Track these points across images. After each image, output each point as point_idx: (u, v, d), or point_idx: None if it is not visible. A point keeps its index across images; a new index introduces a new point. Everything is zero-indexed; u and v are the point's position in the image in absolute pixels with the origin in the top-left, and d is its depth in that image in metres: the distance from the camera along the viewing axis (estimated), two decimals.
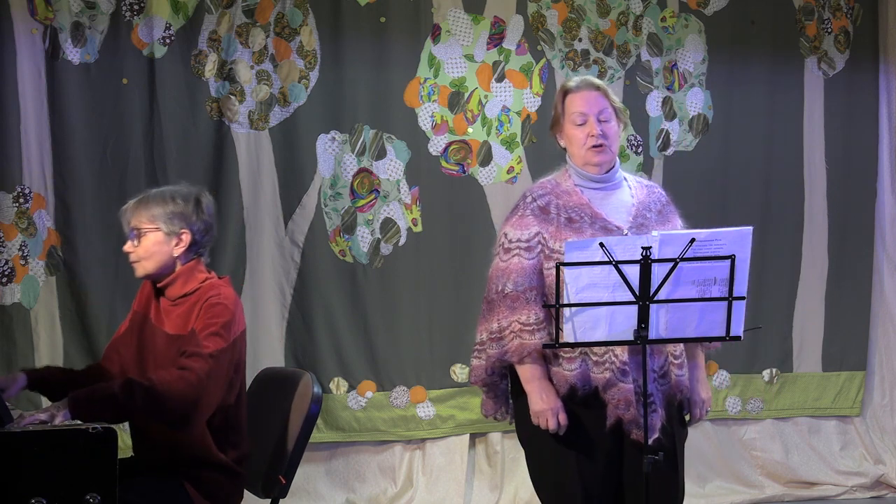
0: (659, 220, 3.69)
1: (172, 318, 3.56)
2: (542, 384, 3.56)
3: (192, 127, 5.34)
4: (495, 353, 3.60)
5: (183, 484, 3.49)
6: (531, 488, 6.00)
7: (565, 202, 3.64)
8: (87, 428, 3.05)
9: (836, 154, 6.33)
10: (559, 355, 3.56)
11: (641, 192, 3.73)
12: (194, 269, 3.59)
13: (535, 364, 3.57)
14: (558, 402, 3.55)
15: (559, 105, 3.69)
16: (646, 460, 3.38)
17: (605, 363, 3.54)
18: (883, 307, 6.43)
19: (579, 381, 3.54)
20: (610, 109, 3.66)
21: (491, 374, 3.66)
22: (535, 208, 3.64)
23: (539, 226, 3.60)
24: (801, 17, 6.27)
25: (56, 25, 5.13)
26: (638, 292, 3.30)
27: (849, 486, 6.22)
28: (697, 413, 3.72)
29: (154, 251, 3.57)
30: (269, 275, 5.47)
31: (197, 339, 3.43)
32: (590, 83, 3.68)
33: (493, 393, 3.71)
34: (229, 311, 3.49)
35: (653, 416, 3.53)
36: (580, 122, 3.64)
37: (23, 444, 3.00)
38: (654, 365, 3.58)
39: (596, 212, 3.62)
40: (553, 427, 3.55)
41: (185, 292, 3.57)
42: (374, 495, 5.61)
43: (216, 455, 3.50)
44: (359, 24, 5.57)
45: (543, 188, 3.69)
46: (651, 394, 3.53)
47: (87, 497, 3.00)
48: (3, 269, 5.10)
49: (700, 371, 3.74)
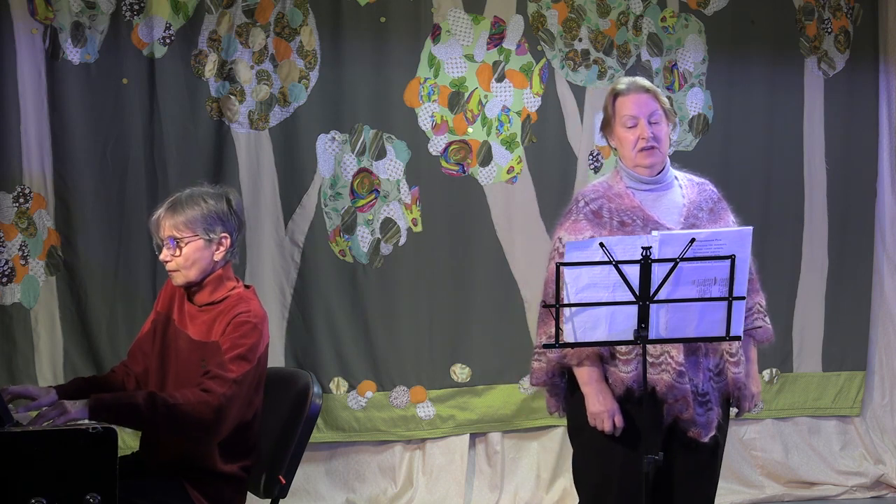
0: (711, 219, 3.73)
1: (197, 323, 3.53)
2: (600, 386, 3.61)
3: (192, 127, 5.33)
4: (555, 357, 3.65)
5: (184, 485, 3.49)
6: (531, 488, 6.03)
7: (617, 205, 3.67)
8: (87, 428, 3.04)
9: (836, 154, 6.32)
10: (616, 356, 3.61)
11: (692, 192, 3.77)
12: (223, 277, 3.56)
13: (592, 367, 3.62)
14: (615, 404, 3.61)
15: (609, 107, 3.72)
16: (646, 460, 3.40)
17: (662, 364, 3.59)
18: (883, 307, 6.43)
19: (635, 383, 3.58)
20: (660, 111, 3.70)
21: (552, 376, 3.72)
22: (587, 212, 3.67)
23: (592, 230, 3.64)
24: (801, 17, 6.26)
25: (56, 25, 5.13)
26: (638, 292, 3.31)
27: (849, 486, 6.22)
28: (746, 406, 3.78)
29: (196, 258, 3.51)
30: (269, 275, 5.47)
31: (222, 360, 3.39)
32: (640, 85, 3.71)
33: (555, 391, 3.77)
34: (257, 332, 3.46)
35: (709, 414, 3.62)
36: (631, 124, 3.67)
37: (23, 444, 3.00)
38: (709, 364, 3.64)
39: (648, 214, 3.65)
40: (609, 429, 3.61)
41: (213, 300, 3.54)
42: (374, 495, 5.61)
43: (221, 467, 3.50)
44: (359, 24, 5.57)
45: (596, 191, 3.72)
46: (707, 392, 3.61)
47: (87, 497, 3.00)
48: (3, 269, 5.10)
49: (752, 366, 3.79)
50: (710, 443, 3.64)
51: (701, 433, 3.61)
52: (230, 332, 3.43)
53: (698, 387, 3.60)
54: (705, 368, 3.63)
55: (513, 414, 5.77)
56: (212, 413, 3.33)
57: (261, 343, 3.47)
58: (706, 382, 3.62)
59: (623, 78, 3.81)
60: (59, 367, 5.16)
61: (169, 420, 3.32)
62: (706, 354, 3.63)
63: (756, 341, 3.80)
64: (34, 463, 2.98)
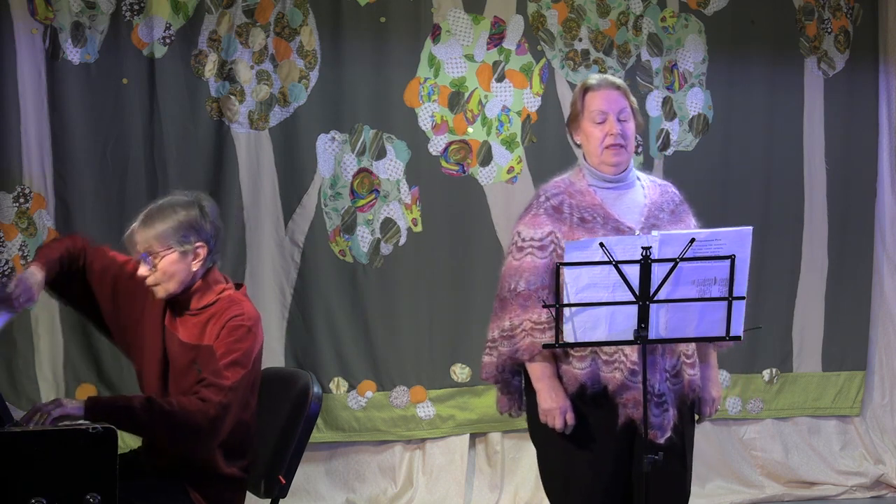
0: (672, 220, 3.70)
1: (188, 326, 3.50)
2: (552, 382, 3.59)
3: (192, 127, 5.34)
4: (507, 351, 3.62)
5: (184, 485, 3.49)
6: (531, 488, 6.02)
7: (578, 202, 3.65)
8: (87, 428, 3.04)
9: (836, 154, 6.33)
10: (569, 354, 3.58)
11: (654, 192, 3.74)
12: (209, 281, 3.52)
13: (545, 363, 3.60)
14: (566, 401, 3.58)
15: (579, 102, 3.70)
16: (646, 460, 3.39)
17: (616, 362, 3.56)
18: (883, 307, 6.43)
19: (589, 380, 3.56)
20: (629, 109, 3.68)
21: (502, 371, 3.69)
22: (548, 207, 3.65)
23: (552, 225, 3.62)
24: (801, 17, 6.27)
25: (56, 25, 5.13)
26: (638, 292, 3.31)
27: (849, 485, 6.22)
28: (707, 411, 3.75)
29: (173, 271, 3.46)
30: (269, 275, 5.47)
31: (217, 367, 3.38)
32: (611, 82, 3.70)
33: (507, 389, 3.74)
34: (252, 336, 3.44)
35: (665, 415, 3.57)
36: (600, 120, 3.65)
37: (23, 444, 3.00)
38: (666, 364, 3.60)
39: (608, 212, 3.63)
40: (560, 426, 3.57)
41: (203, 305, 3.51)
42: (374, 495, 5.61)
43: (223, 468, 3.50)
44: (359, 24, 5.57)
45: (557, 187, 3.70)
46: (663, 393, 3.58)
47: (87, 497, 3.00)
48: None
49: (712, 370, 3.77)
50: (667, 444, 3.56)
51: (657, 434, 3.55)
52: (224, 337, 3.42)
53: (654, 387, 3.55)
54: (662, 369, 3.59)
55: None
56: (207, 422, 3.33)
57: (255, 346, 3.47)
58: (662, 383, 3.58)
59: (594, 74, 3.79)
60: (59, 367, 5.16)
61: (164, 426, 3.31)
62: (663, 355, 3.59)
63: (715, 346, 3.77)
64: (34, 463, 2.98)
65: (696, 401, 3.71)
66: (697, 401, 3.72)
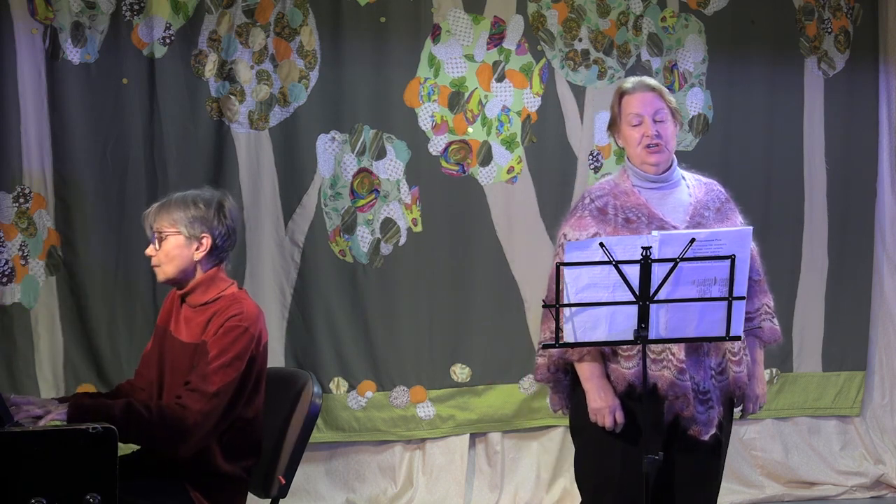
0: (717, 218, 3.75)
1: (192, 325, 3.54)
2: (601, 382, 3.64)
3: (192, 127, 5.33)
4: (556, 352, 3.67)
5: (184, 485, 3.49)
6: (531, 488, 6.02)
7: (623, 202, 3.70)
8: (87, 428, 3.05)
9: (836, 154, 6.32)
10: (618, 353, 3.63)
11: (699, 191, 3.79)
12: (215, 277, 3.58)
13: (593, 362, 3.65)
14: (616, 400, 3.63)
15: (616, 106, 3.77)
16: (646, 460, 3.40)
17: (664, 361, 3.61)
18: (883, 307, 6.43)
19: (637, 380, 3.60)
20: (666, 110, 3.74)
21: (554, 371, 3.75)
22: (593, 209, 3.70)
23: (597, 226, 3.67)
24: (801, 17, 6.26)
25: (56, 25, 5.13)
26: (638, 292, 3.31)
27: (849, 486, 6.22)
28: (751, 408, 3.81)
29: (174, 255, 3.54)
30: (269, 275, 5.47)
31: (206, 371, 3.40)
32: (645, 84, 3.76)
33: (559, 388, 3.80)
34: (247, 336, 3.46)
35: (710, 412, 3.64)
36: (636, 122, 3.72)
37: (23, 444, 3.00)
38: (711, 362, 3.66)
39: (653, 212, 3.67)
40: (609, 425, 3.63)
41: (207, 300, 3.55)
42: (374, 495, 5.61)
43: (223, 466, 3.50)
44: (359, 24, 5.57)
45: (602, 189, 3.76)
46: (708, 390, 3.64)
47: (87, 497, 3.00)
48: (3, 269, 5.10)
49: (758, 367, 3.81)
50: (711, 441, 3.65)
51: (701, 431, 3.63)
52: (221, 337, 3.44)
53: (700, 385, 3.62)
54: (707, 367, 3.65)
55: (513, 414, 5.77)
56: (185, 429, 3.35)
57: (250, 347, 3.47)
58: (708, 380, 3.65)
59: (630, 77, 3.85)
60: (59, 367, 5.16)
61: (139, 433, 3.34)
62: (708, 353, 3.66)
63: (763, 342, 3.82)
64: (34, 463, 2.99)
65: (740, 397, 3.76)
66: (742, 397, 3.76)
